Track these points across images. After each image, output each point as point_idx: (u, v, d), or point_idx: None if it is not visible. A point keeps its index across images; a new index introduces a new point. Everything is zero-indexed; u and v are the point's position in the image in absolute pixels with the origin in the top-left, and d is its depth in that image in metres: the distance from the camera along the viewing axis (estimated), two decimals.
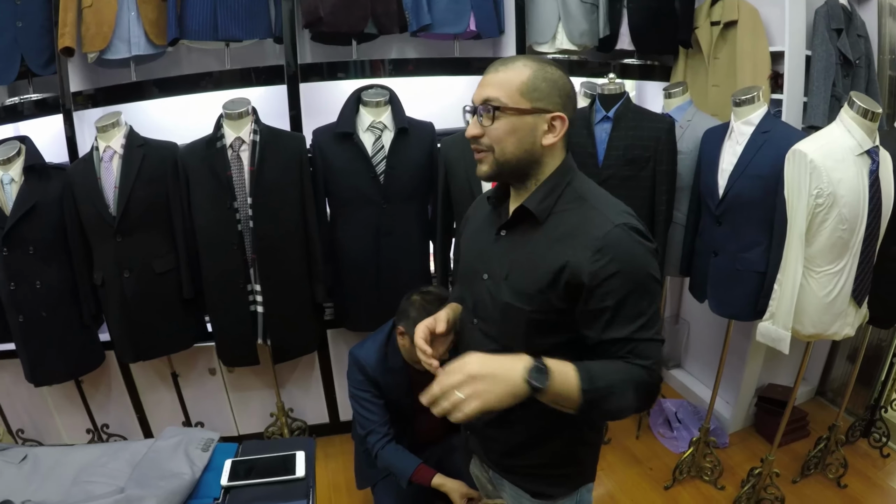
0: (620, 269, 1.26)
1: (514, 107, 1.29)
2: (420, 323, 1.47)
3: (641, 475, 3.20)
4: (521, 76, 1.30)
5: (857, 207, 2.28)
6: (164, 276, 2.79)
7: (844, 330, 2.47)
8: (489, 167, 1.35)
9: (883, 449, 3.27)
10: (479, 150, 1.35)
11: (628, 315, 1.28)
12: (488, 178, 1.38)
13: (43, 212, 2.65)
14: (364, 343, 2.46)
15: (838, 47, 2.90)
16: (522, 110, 1.29)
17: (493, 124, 1.30)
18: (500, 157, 1.32)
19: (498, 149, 1.32)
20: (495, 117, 1.30)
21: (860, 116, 2.28)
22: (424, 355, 1.42)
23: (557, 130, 1.33)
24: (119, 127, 2.69)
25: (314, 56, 3.24)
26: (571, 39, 3.17)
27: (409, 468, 2.35)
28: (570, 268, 1.28)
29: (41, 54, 2.82)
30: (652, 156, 2.71)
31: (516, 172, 1.36)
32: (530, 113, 1.30)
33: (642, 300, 1.29)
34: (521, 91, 1.29)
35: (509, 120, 1.30)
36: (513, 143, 1.32)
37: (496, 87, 1.30)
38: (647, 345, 1.29)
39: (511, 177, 1.38)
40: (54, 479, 1.86)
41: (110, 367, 3.16)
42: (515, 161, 1.33)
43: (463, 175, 2.73)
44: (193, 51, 3.16)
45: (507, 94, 1.29)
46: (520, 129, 1.31)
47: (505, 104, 1.29)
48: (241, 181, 2.67)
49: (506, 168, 1.34)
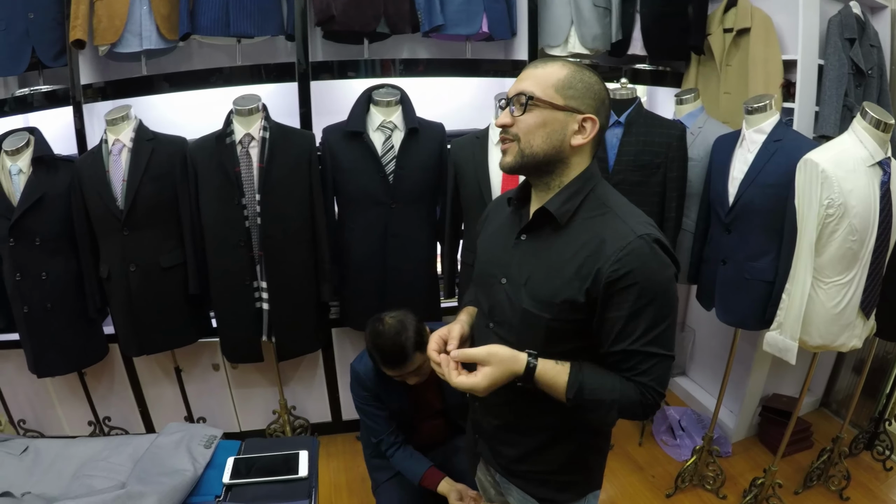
0: (637, 280, 1.24)
1: (547, 100, 1.29)
2: (434, 334, 1.45)
3: (643, 482, 3.19)
4: (557, 73, 1.30)
5: (867, 218, 2.27)
6: (170, 271, 2.78)
7: (852, 342, 2.45)
8: (513, 158, 1.33)
9: (886, 462, 3.25)
10: (506, 139, 1.34)
11: (638, 328, 1.27)
12: (511, 169, 1.35)
13: (50, 204, 2.65)
14: (362, 356, 2.45)
15: (851, 57, 2.88)
16: (555, 105, 1.29)
17: (524, 115, 1.30)
18: (526, 148, 1.31)
19: (525, 140, 1.31)
20: (527, 108, 1.29)
21: (872, 127, 2.27)
22: (439, 367, 1.40)
23: (587, 132, 1.32)
24: (129, 120, 2.69)
25: (325, 54, 3.24)
26: (583, 43, 3.16)
27: (418, 473, 2.38)
28: (591, 277, 1.27)
29: (52, 46, 2.82)
30: (662, 162, 2.70)
31: (540, 168, 1.34)
32: (562, 109, 1.29)
33: (656, 314, 1.27)
34: (556, 87, 1.29)
35: (540, 113, 1.29)
36: (541, 137, 1.30)
37: (531, 80, 1.31)
38: (653, 360, 1.29)
39: (534, 172, 1.36)
40: (55, 472, 1.85)
41: (114, 360, 3.16)
42: (542, 155, 1.32)
43: (472, 177, 2.72)
44: (205, 46, 3.16)
45: (541, 88, 1.29)
46: (550, 123, 1.30)
47: (537, 96, 1.28)
48: (249, 178, 2.67)
49: (530, 161, 1.32)
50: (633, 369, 1.29)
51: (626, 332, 1.27)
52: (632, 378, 1.29)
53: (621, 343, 1.28)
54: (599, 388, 1.29)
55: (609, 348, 1.30)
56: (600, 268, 1.26)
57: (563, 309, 1.31)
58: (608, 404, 1.30)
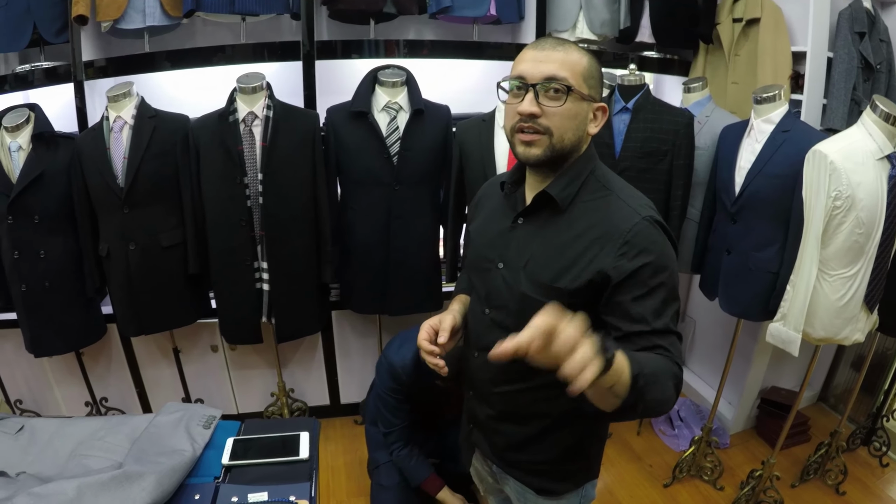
0: (651, 260, 1.22)
1: (580, 91, 1.24)
2: (425, 323, 1.42)
3: (641, 472, 3.19)
4: (582, 60, 1.26)
5: (874, 212, 2.25)
6: (170, 250, 2.76)
7: (855, 335, 2.44)
8: (542, 151, 1.26)
9: (882, 458, 3.26)
10: (534, 129, 1.25)
11: (658, 306, 1.23)
12: (538, 162, 1.28)
13: (50, 181, 2.61)
14: (401, 347, 2.43)
15: (860, 51, 2.86)
16: (584, 96, 1.25)
17: (563, 106, 1.23)
18: (559, 143, 1.26)
19: (558, 134, 1.25)
20: (566, 98, 1.23)
21: (882, 120, 2.26)
22: (430, 357, 1.38)
23: (599, 120, 1.31)
24: (130, 97, 2.65)
25: (331, 34, 3.20)
26: (592, 29, 3.13)
27: (420, 476, 2.43)
28: (597, 262, 1.25)
29: (54, 22, 2.78)
30: (669, 149, 2.68)
31: (561, 159, 1.30)
32: (587, 100, 1.27)
33: (670, 292, 1.26)
34: (584, 76, 1.25)
35: (575, 104, 1.25)
36: (572, 130, 1.27)
37: (561, 65, 1.23)
38: (671, 338, 1.24)
39: (554, 162, 1.31)
40: (51, 452, 1.83)
41: (111, 340, 3.15)
42: (569, 147, 1.28)
43: (478, 160, 2.70)
44: (209, 23, 3.12)
45: (574, 76, 1.24)
46: (579, 115, 1.27)
47: (574, 86, 1.23)
48: (252, 156, 2.64)
49: (558, 154, 1.28)
50: (659, 346, 1.22)
51: (652, 311, 1.23)
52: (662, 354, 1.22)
53: (641, 323, 1.23)
54: (649, 360, 1.14)
55: (632, 327, 1.24)
56: (607, 252, 1.24)
57: (564, 293, 1.28)
58: (664, 374, 1.16)
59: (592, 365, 0.93)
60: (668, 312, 1.25)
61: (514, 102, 1.27)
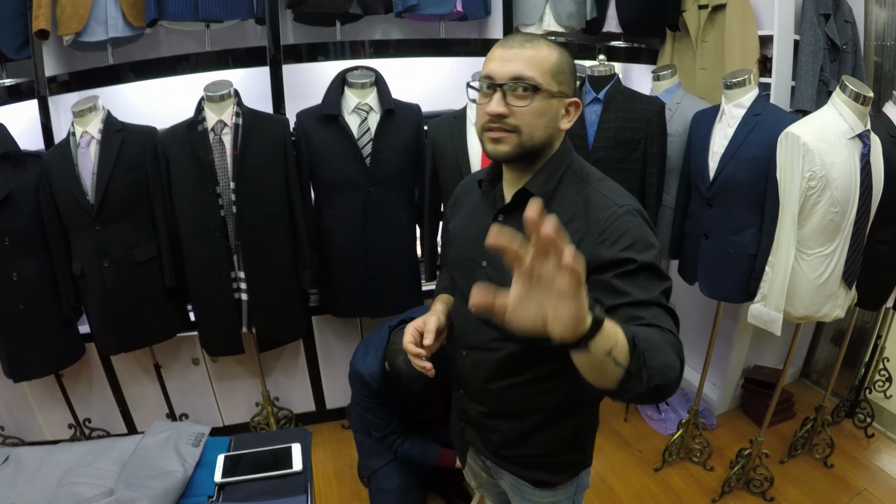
0: (630, 244, 1.20)
1: (548, 89, 1.24)
2: (409, 325, 1.41)
3: (631, 457, 3.21)
4: (550, 57, 1.25)
5: (848, 190, 2.29)
6: (145, 265, 2.71)
7: (835, 311, 2.48)
8: (511, 148, 1.26)
9: (867, 429, 3.31)
10: (503, 129, 1.25)
11: (642, 282, 1.19)
12: (507, 159, 1.29)
13: (18, 201, 2.55)
14: (366, 356, 2.43)
15: (826, 32, 2.89)
16: (552, 93, 1.25)
17: (531, 105, 1.23)
18: (528, 140, 1.26)
19: (527, 132, 1.25)
20: (534, 97, 1.23)
21: (852, 100, 2.29)
22: (417, 359, 1.37)
23: (572, 116, 1.30)
24: (96, 111, 2.60)
25: (297, 37, 3.16)
26: (559, 21, 3.12)
27: (432, 456, 2.44)
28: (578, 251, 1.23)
29: (15, 38, 2.69)
30: (642, 138, 2.69)
31: (532, 156, 1.30)
32: (557, 96, 1.26)
33: (654, 271, 1.21)
34: (552, 72, 1.24)
35: (543, 102, 1.24)
36: (542, 127, 1.26)
37: (528, 64, 1.23)
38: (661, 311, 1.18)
39: (525, 159, 1.31)
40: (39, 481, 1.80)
41: (91, 359, 3.09)
42: (540, 144, 1.28)
43: (452, 157, 2.69)
44: (173, 32, 3.07)
45: (541, 75, 1.23)
46: (548, 112, 1.26)
47: (541, 85, 1.23)
48: (223, 165, 2.60)
49: (528, 151, 1.28)
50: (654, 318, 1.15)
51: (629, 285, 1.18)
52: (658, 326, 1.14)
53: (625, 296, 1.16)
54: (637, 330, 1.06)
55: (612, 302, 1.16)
56: (588, 242, 1.22)
57: None
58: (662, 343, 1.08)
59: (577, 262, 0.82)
60: (653, 287, 1.19)
61: (483, 102, 1.27)
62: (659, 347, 1.07)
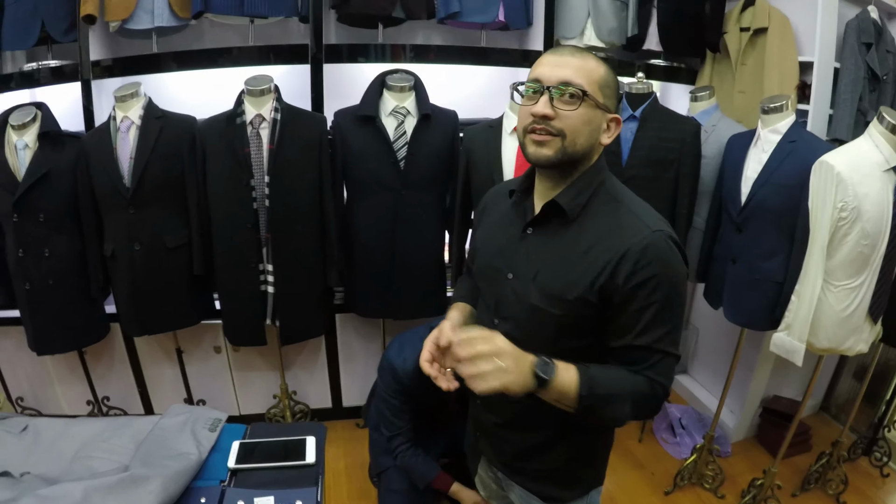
0: (655, 274, 1.22)
1: (595, 98, 1.25)
2: (426, 341, 1.38)
3: (642, 478, 3.18)
4: (598, 69, 1.26)
5: (880, 223, 2.26)
6: (175, 251, 2.76)
7: (858, 346, 2.45)
8: (553, 153, 1.26)
9: (883, 468, 3.25)
10: (547, 131, 1.25)
11: (653, 324, 1.24)
12: (549, 163, 1.28)
13: (56, 180, 2.61)
14: (402, 349, 2.42)
15: (867, 61, 2.87)
16: (598, 103, 1.26)
17: (577, 110, 1.24)
18: (571, 146, 1.26)
19: (571, 137, 1.25)
20: (581, 104, 1.24)
21: (889, 132, 2.26)
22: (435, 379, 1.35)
23: (612, 132, 1.31)
24: (138, 98, 2.66)
25: (339, 37, 3.21)
26: (600, 36, 3.13)
27: (429, 475, 2.42)
28: (606, 274, 1.24)
29: (62, 21, 2.78)
30: (676, 158, 2.69)
31: (570, 165, 1.30)
32: (602, 109, 1.27)
33: (670, 311, 1.26)
34: (599, 84, 1.25)
35: (589, 110, 1.25)
36: (585, 135, 1.26)
37: (577, 72, 1.24)
38: (662, 358, 1.27)
39: (563, 167, 1.31)
40: (55, 453, 1.83)
41: (114, 339, 3.14)
42: (581, 153, 1.28)
43: (485, 165, 2.69)
44: (217, 25, 3.12)
45: (589, 83, 1.24)
46: (593, 121, 1.27)
47: (588, 93, 1.23)
48: (259, 159, 2.64)
49: (569, 159, 1.27)
50: (642, 362, 1.26)
51: (641, 326, 1.25)
52: (640, 371, 1.26)
53: (634, 338, 1.26)
54: (611, 382, 1.23)
55: (619, 342, 1.28)
56: (617, 264, 1.23)
57: (574, 304, 1.28)
58: (621, 398, 1.23)
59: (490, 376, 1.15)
60: (662, 330, 1.25)
61: (528, 104, 1.28)
62: (614, 402, 1.24)
